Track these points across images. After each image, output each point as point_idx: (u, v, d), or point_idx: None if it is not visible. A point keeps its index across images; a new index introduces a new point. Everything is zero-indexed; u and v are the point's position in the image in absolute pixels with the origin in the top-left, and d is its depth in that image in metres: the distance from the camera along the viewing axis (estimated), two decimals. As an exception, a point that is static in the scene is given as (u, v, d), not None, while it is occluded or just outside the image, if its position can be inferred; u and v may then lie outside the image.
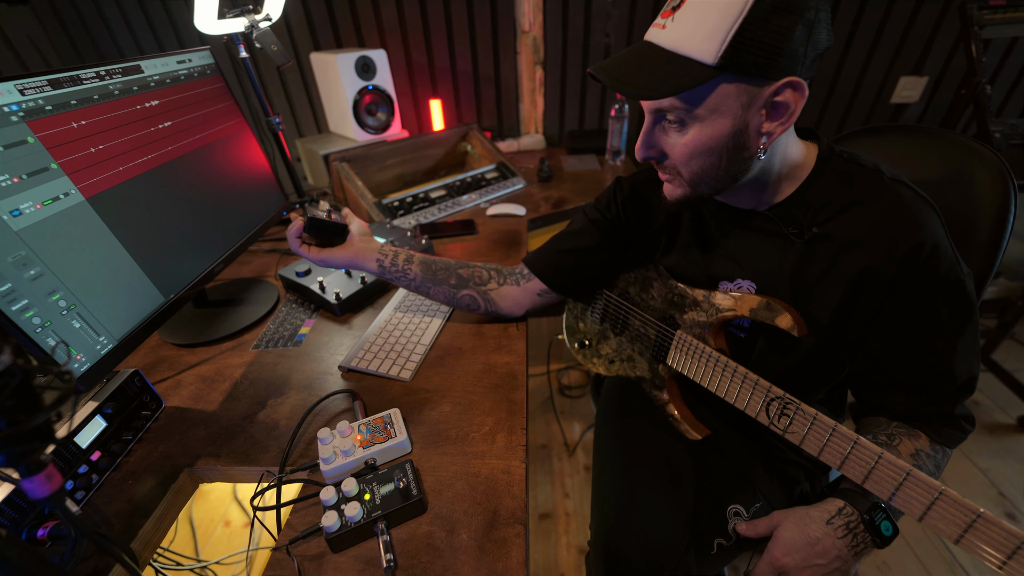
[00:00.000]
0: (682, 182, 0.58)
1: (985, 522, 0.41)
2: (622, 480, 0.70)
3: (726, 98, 0.49)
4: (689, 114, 0.51)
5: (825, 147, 0.58)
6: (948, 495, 0.44)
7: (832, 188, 0.57)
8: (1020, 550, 0.40)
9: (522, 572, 0.47)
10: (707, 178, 0.55)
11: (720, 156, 0.53)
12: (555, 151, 1.77)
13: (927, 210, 0.53)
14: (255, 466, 0.60)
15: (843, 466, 0.51)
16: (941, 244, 0.52)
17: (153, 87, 0.76)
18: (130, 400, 0.64)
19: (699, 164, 0.54)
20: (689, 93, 0.49)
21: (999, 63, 1.52)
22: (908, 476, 0.46)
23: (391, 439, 0.58)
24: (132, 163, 0.71)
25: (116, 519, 0.54)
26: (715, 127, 0.51)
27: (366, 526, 0.49)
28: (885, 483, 0.49)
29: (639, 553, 0.61)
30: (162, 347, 0.83)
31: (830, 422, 0.52)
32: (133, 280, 0.68)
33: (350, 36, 1.56)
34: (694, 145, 0.52)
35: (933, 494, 0.45)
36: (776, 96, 0.48)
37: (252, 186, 0.97)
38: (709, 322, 0.65)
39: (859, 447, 0.49)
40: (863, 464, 0.50)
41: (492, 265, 0.83)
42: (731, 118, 0.50)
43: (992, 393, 1.62)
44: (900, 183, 0.55)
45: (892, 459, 0.47)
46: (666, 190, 0.62)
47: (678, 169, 0.56)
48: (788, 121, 0.50)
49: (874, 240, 0.53)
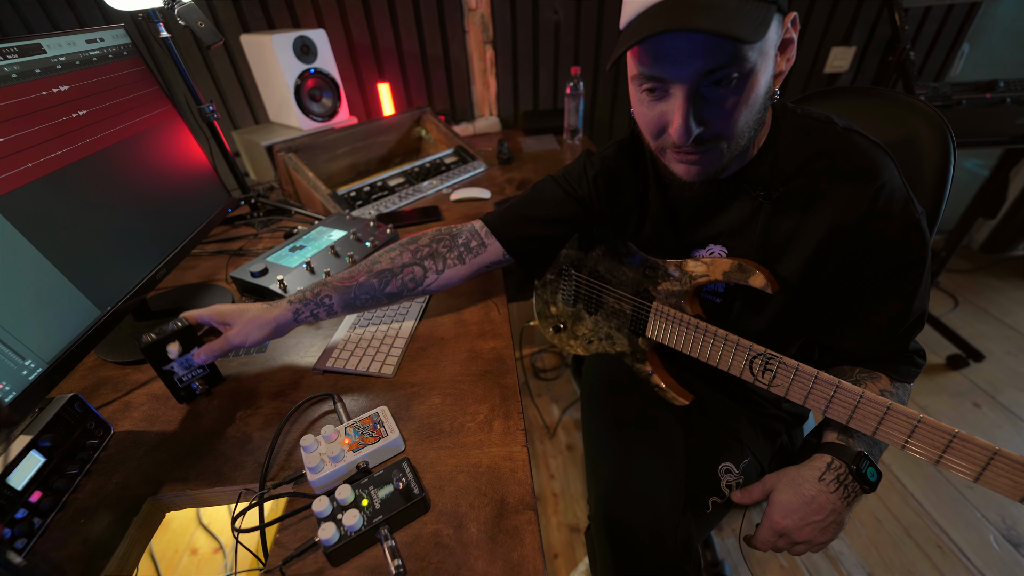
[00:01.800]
0: (720, 151, 0.51)
1: (960, 440, 0.44)
2: (615, 450, 0.70)
3: (771, 36, 0.45)
4: (747, 66, 0.44)
5: (778, 106, 0.58)
6: (926, 421, 0.46)
7: (791, 144, 0.57)
8: (993, 461, 0.43)
9: (539, 559, 0.46)
10: (746, 135, 0.50)
11: (762, 105, 0.49)
12: (512, 133, 1.73)
13: (881, 155, 0.55)
14: (231, 485, 0.54)
15: (828, 409, 0.54)
16: (897, 186, 0.54)
17: (60, 70, 0.66)
18: (71, 429, 0.56)
19: (745, 120, 0.48)
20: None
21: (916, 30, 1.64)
22: (889, 409, 0.49)
23: (383, 439, 0.55)
24: (44, 158, 0.61)
25: (70, 564, 0.48)
26: (763, 73, 0.46)
27: (368, 533, 0.46)
28: (868, 420, 0.51)
29: (641, 518, 0.62)
30: (102, 367, 0.74)
31: (812, 370, 0.54)
32: (60, 293, 0.59)
33: (283, 16, 1.44)
34: (748, 99, 0.46)
35: (912, 422, 0.47)
36: (786, 32, 0.48)
37: (190, 182, 0.88)
38: (684, 290, 0.66)
39: (841, 389, 0.52)
40: (846, 405, 0.52)
41: (426, 249, 0.72)
42: (771, 59, 0.47)
43: (923, 337, 1.77)
44: (852, 131, 0.56)
45: (873, 396, 0.50)
46: (692, 171, 0.53)
47: (718, 139, 0.49)
48: (792, 58, 0.50)
49: (836, 191, 0.55)
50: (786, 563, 1.14)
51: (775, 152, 0.58)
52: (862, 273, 0.58)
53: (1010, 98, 1.21)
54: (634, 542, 0.62)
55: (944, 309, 1.91)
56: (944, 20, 1.64)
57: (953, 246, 1.66)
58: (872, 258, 0.57)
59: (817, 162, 0.56)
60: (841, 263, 0.58)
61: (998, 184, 1.52)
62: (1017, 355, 1.69)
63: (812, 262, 0.58)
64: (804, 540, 0.57)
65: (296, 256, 0.89)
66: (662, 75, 0.46)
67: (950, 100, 1.22)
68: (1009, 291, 2.00)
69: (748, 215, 0.61)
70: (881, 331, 0.61)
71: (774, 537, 0.59)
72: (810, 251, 0.58)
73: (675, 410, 0.74)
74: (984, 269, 2.13)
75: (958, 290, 2.00)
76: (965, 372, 1.64)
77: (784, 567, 1.14)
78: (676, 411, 0.74)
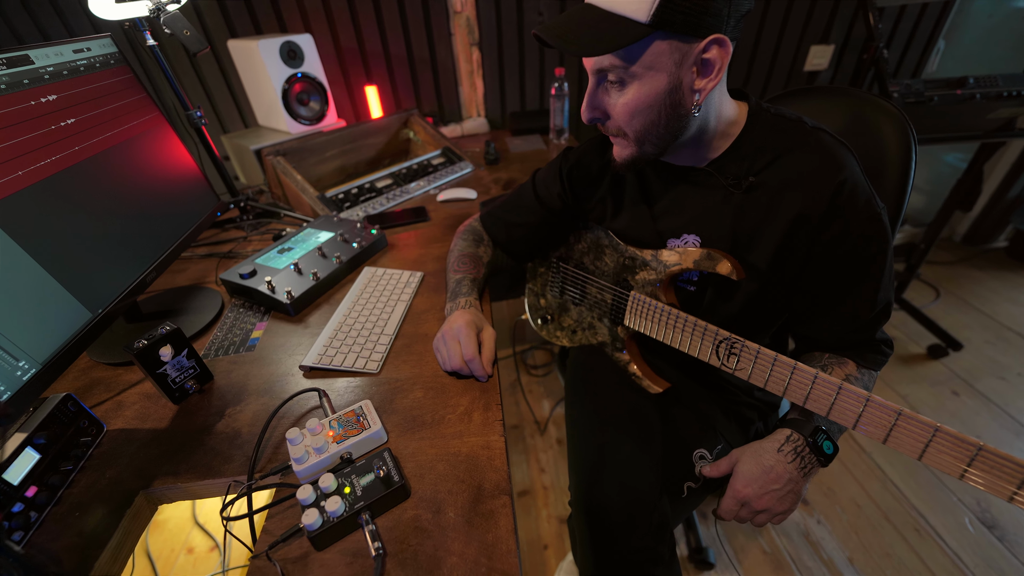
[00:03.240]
0: (628, 142, 0.61)
1: (905, 418, 0.47)
2: (594, 437, 0.73)
3: (660, 55, 0.52)
4: (627, 72, 0.54)
5: (754, 104, 0.63)
6: (874, 400, 0.49)
7: (763, 139, 0.61)
8: (935, 438, 0.46)
9: (512, 540, 0.48)
10: (650, 136, 0.58)
11: (659, 113, 0.56)
12: (499, 133, 1.76)
13: (845, 152, 0.59)
14: (220, 478, 0.57)
15: (787, 391, 0.56)
16: (859, 182, 0.58)
17: (48, 80, 0.68)
18: (65, 427, 0.58)
19: (640, 122, 0.57)
20: (627, 50, 0.52)
21: (892, 28, 1.68)
22: (840, 389, 0.52)
23: (365, 430, 0.57)
24: (34, 166, 0.63)
25: (66, 555, 0.50)
26: (652, 84, 0.54)
27: (349, 519, 0.48)
28: (822, 400, 0.54)
29: (618, 502, 0.64)
30: (95, 368, 0.76)
31: (771, 353, 0.57)
32: (53, 297, 0.62)
33: (270, 21, 1.46)
34: (634, 103, 0.55)
35: (862, 401, 0.50)
36: (704, 53, 0.52)
37: (178, 187, 0.90)
38: (659, 279, 0.69)
39: (798, 371, 0.55)
40: (803, 386, 0.55)
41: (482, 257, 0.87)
42: (666, 75, 0.53)
43: (905, 328, 1.83)
44: (820, 130, 0.60)
45: (826, 377, 0.53)
46: (615, 152, 0.65)
47: (622, 129, 0.59)
48: (717, 77, 0.53)
49: (803, 183, 0.59)
50: (768, 548, 1.18)
51: (747, 146, 0.62)
52: (828, 264, 0.61)
53: (979, 94, 1.24)
54: (611, 524, 0.65)
55: (926, 300, 1.95)
56: (919, 18, 1.68)
57: (932, 239, 1.70)
58: (837, 250, 0.60)
59: (786, 156, 0.60)
60: (807, 253, 0.61)
61: (973, 178, 1.55)
62: (995, 344, 1.73)
63: (780, 251, 0.62)
64: (764, 508, 0.60)
65: (284, 258, 0.91)
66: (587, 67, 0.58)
67: (923, 97, 1.25)
68: (989, 282, 2.04)
69: (719, 204, 0.65)
70: (847, 320, 0.64)
71: (736, 506, 0.62)
72: (777, 240, 0.61)
73: (653, 398, 0.77)
74: (965, 261, 2.17)
75: (940, 282, 2.05)
76: (945, 361, 1.68)
77: (767, 552, 1.17)
78: (653, 399, 0.77)
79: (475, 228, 0.91)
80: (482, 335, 0.70)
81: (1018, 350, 1.70)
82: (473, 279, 0.81)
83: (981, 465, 0.45)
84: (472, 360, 0.66)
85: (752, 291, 0.65)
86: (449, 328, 0.70)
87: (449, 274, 0.84)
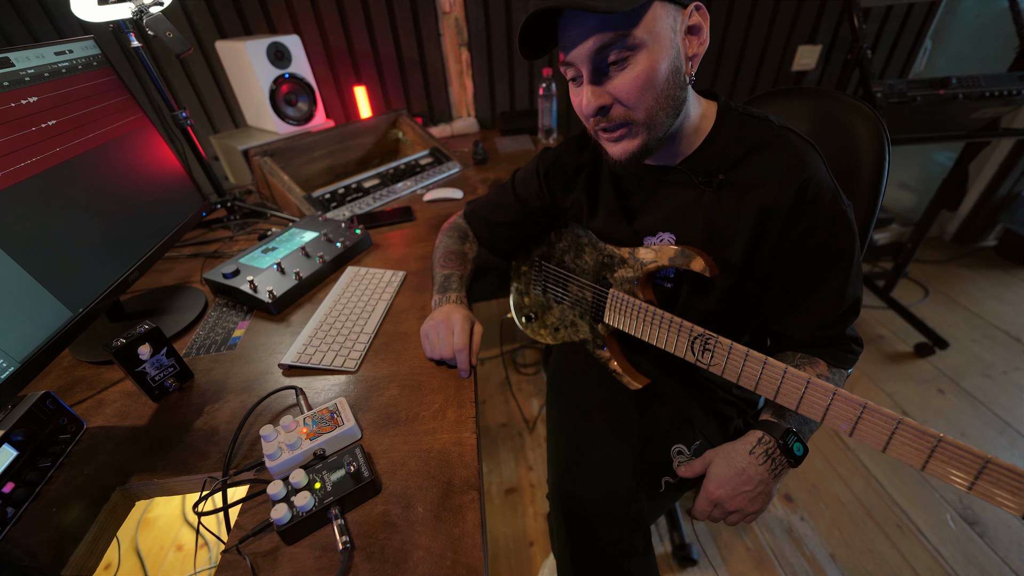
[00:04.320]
0: (638, 128, 0.57)
1: (869, 411, 0.48)
2: (572, 432, 0.74)
3: (661, 20, 0.52)
4: (632, 43, 0.51)
5: (723, 103, 0.64)
6: (840, 394, 0.50)
7: (732, 138, 0.62)
8: (897, 430, 0.47)
9: (478, 534, 0.49)
10: (660, 113, 0.56)
11: (667, 83, 0.55)
12: (489, 133, 1.77)
13: (810, 151, 0.60)
14: (196, 474, 0.58)
15: (758, 386, 0.57)
16: (824, 180, 0.59)
17: (29, 82, 0.69)
18: (43, 425, 0.59)
19: (652, 96, 0.55)
20: (632, 16, 0.50)
21: (879, 29, 1.69)
22: (809, 383, 0.52)
23: (339, 427, 0.58)
24: (13, 167, 0.63)
25: (42, 549, 0.51)
26: (658, 51, 0.53)
27: (319, 513, 0.49)
28: (792, 394, 0.55)
29: (593, 495, 0.65)
30: (78, 366, 0.77)
31: (743, 348, 0.58)
32: (32, 296, 0.62)
33: (259, 21, 1.46)
34: (644, 75, 0.53)
35: (829, 395, 0.51)
36: (690, 19, 0.54)
37: (162, 187, 0.91)
38: (636, 276, 0.70)
39: (769, 366, 0.56)
40: (772, 380, 0.56)
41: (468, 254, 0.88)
42: (668, 41, 0.53)
43: (892, 326, 1.84)
44: (787, 129, 0.62)
45: (795, 372, 0.54)
46: (618, 149, 0.60)
47: (631, 114, 0.56)
48: (705, 41, 0.56)
49: (770, 181, 0.60)
50: (751, 544, 1.19)
51: (716, 144, 0.63)
52: (796, 260, 0.63)
53: (962, 94, 1.25)
54: (587, 516, 0.66)
55: (914, 299, 1.96)
56: (905, 19, 1.69)
57: (919, 237, 1.71)
58: (804, 245, 0.61)
59: (753, 154, 0.61)
60: (777, 249, 0.62)
61: (959, 177, 1.56)
62: (982, 342, 1.75)
63: (750, 246, 0.63)
64: (735, 509, 0.61)
65: (268, 257, 0.92)
66: (571, 60, 0.55)
67: (906, 97, 1.26)
68: (978, 280, 2.05)
69: (692, 202, 0.66)
70: (816, 316, 0.65)
71: (709, 506, 0.63)
72: (748, 236, 0.62)
73: (632, 394, 0.78)
74: (955, 260, 2.18)
75: (929, 280, 2.06)
76: (931, 360, 1.69)
77: (750, 548, 1.18)
78: (633, 395, 0.78)
79: (460, 225, 0.91)
80: (474, 330, 0.71)
81: (1005, 348, 1.71)
82: (461, 276, 0.82)
83: (941, 456, 0.46)
84: (462, 351, 0.67)
85: (726, 287, 0.66)
86: (445, 318, 0.71)
87: (436, 269, 0.85)
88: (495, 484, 1.37)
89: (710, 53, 1.75)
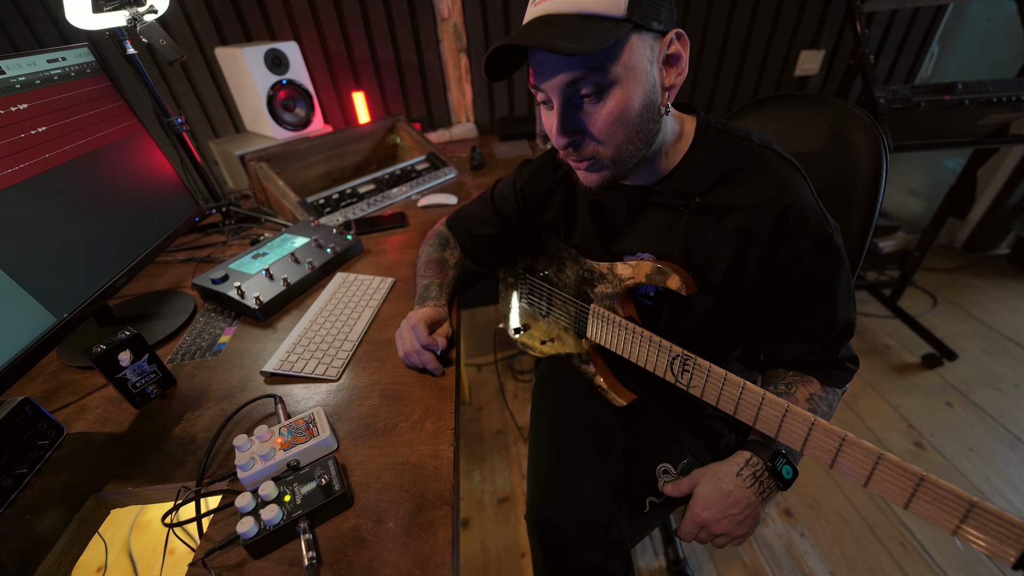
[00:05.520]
0: (603, 162, 0.56)
1: (849, 444, 0.46)
2: (550, 453, 0.72)
3: (637, 52, 0.49)
4: (607, 77, 0.49)
5: (702, 119, 0.61)
6: (819, 424, 0.48)
7: (710, 158, 0.60)
8: (879, 465, 0.45)
9: (448, 552, 0.48)
10: (630, 147, 0.54)
11: (640, 117, 0.52)
12: (488, 139, 1.76)
13: (793, 174, 0.57)
14: (170, 483, 0.57)
15: (737, 410, 0.56)
16: (808, 204, 0.56)
17: (19, 89, 0.69)
18: (21, 430, 0.59)
19: (623, 132, 0.52)
20: (608, 51, 0.48)
21: (883, 33, 1.66)
22: (787, 412, 0.50)
23: (314, 438, 0.57)
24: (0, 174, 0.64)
25: (11, 558, 0.50)
26: (632, 86, 0.50)
27: (287, 527, 0.48)
28: (770, 421, 0.53)
29: (569, 518, 0.64)
30: (64, 371, 0.77)
31: (721, 371, 0.56)
32: (14, 301, 0.62)
33: (260, 29, 1.48)
34: (617, 110, 0.51)
35: (807, 424, 0.49)
36: (670, 48, 0.51)
37: (154, 193, 0.91)
38: (616, 292, 0.68)
39: (746, 391, 0.54)
40: (751, 406, 0.54)
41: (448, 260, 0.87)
42: (644, 74, 0.50)
43: (899, 336, 1.80)
44: (768, 149, 0.58)
45: (773, 398, 0.52)
46: (586, 179, 0.59)
47: (598, 149, 0.54)
48: (684, 71, 0.53)
49: (749, 206, 0.57)
50: (749, 561, 1.16)
51: (694, 164, 0.60)
52: (782, 287, 0.60)
53: (968, 100, 1.22)
54: (562, 540, 0.64)
55: (922, 308, 1.91)
56: (911, 23, 1.66)
57: (926, 245, 1.67)
58: (789, 273, 0.58)
59: (733, 176, 0.58)
60: (759, 273, 0.60)
61: (967, 184, 1.53)
62: (992, 354, 1.70)
63: (731, 269, 0.60)
64: (722, 532, 0.59)
65: (258, 263, 0.92)
66: (540, 86, 0.52)
67: (910, 103, 1.23)
68: (988, 290, 2.00)
69: (670, 223, 0.63)
70: (808, 342, 0.63)
71: (695, 528, 0.61)
72: (727, 260, 0.60)
73: (618, 411, 0.76)
74: (965, 268, 2.13)
75: (938, 289, 2.01)
76: (940, 371, 1.65)
77: (747, 565, 1.15)
78: (619, 412, 0.76)
79: (442, 232, 0.91)
80: (438, 327, 0.71)
81: (1016, 361, 1.67)
82: (440, 284, 0.81)
83: (924, 496, 0.44)
84: (420, 352, 0.67)
85: (707, 307, 0.64)
86: (405, 324, 0.72)
87: (417, 279, 0.84)
88: (488, 493, 1.36)
89: (710, 59, 1.73)
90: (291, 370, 0.71)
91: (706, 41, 1.69)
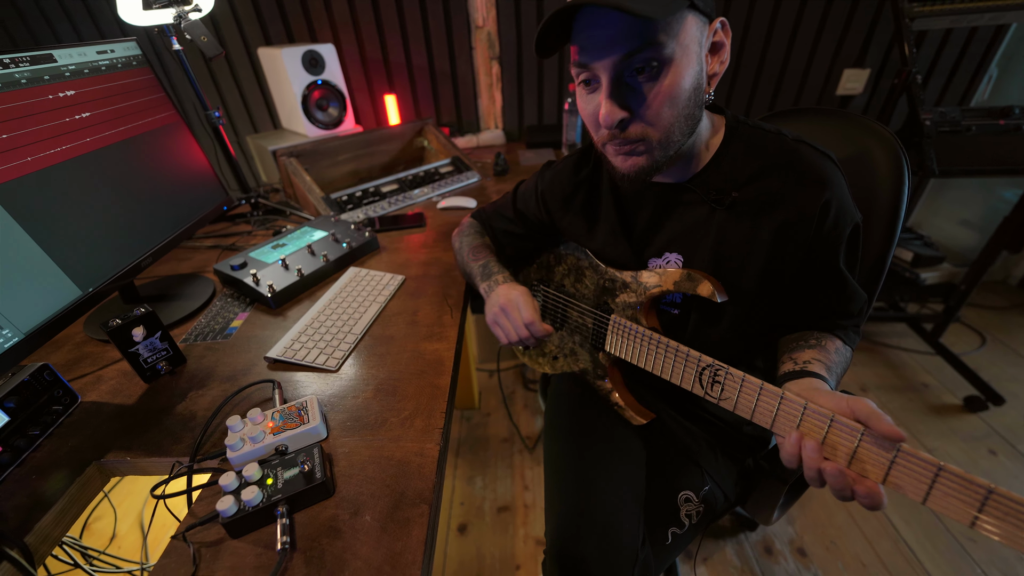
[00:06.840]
0: (649, 145, 0.53)
1: (904, 455, 0.42)
2: (573, 480, 0.69)
3: (691, 32, 0.49)
4: (663, 52, 0.48)
5: (731, 118, 0.61)
6: (870, 434, 0.43)
7: (743, 153, 0.59)
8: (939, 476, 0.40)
9: (420, 551, 0.47)
10: (676, 131, 0.53)
11: (689, 100, 0.51)
12: (515, 146, 1.77)
13: (828, 165, 0.56)
14: (166, 457, 0.59)
15: (775, 423, 0.51)
16: (844, 198, 0.56)
17: (69, 77, 0.75)
18: (38, 394, 0.62)
19: (672, 114, 0.51)
20: (668, 25, 0.47)
21: (935, 54, 1.57)
22: (833, 421, 0.46)
23: (304, 425, 0.58)
24: (43, 153, 0.69)
25: (13, 513, 0.53)
26: (686, 66, 0.49)
27: (265, 510, 0.49)
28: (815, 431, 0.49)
29: (597, 556, 0.61)
30: (88, 343, 0.81)
31: (757, 381, 0.51)
32: (44, 272, 0.67)
33: (301, 30, 1.55)
34: (671, 89, 0.49)
35: (857, 435, 0.44)
36: (715, 35, 0.52)
37: (186, 181, 0.96)
38: (639, 301, 0.66)
39: (786, 401, 0.49)
40: (792, 418, 0.49)
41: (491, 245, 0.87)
42: (695, 56, 0.50)
43: (940, 375, 1.68)
44: (801, 142, 0.57)
45: (816, 408, 0.46)
46: (627, 164, 0.56)
47: (647, 131, 0.52)
48: (726, 61, 0.53)
49: (788, 199, 0.56)
50: (754, 599, 1.09)
51: (727, 160, 0.59)
52: (812, 273, 0.60)
53: (1026, 125, 1.14)
54: None
55: (969, 347, 1.78)
56: (967, 43, 1.57)
57: (974, 280, 1.56)
58: (820, 260, 0.59)
59: (768, 171, 0.57)
60: (798, 269, 0.59)
61: (1022, 216, 1.42)
62: (1045, 401, 1.56)
63: (766, 269, 0.59)
64: None
65: (276, 253, 0.95)
66: (589, 62, 0.50)
67: (959, 126, 1.16)
68: (1045, 332, 1.85)
69: (702, 221, 0.62)
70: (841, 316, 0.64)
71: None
72: (763, 258, 0.58)
73: (636, 431, 0.73)
74: (1020, 307, 1.98)
75: (987, 327, 1.87)
76: (984, 416, 1.52)
77: (752, 603, 1.09)
78: (638, 432, 0.73)
79: (472, 223, 0.91)
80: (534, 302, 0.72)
81: (1073, 410, 1.52)
82: (497, 259, 0.82)
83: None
84: (532, 323, 0.68)
85: (739, 313, 0.62)
86: (507, 300, 0.70)
87: (469, 264, 0.83)
88: (488, 500, 1.34)
89: (747, 71, 1.68)
90: (293, 358, 0.72)
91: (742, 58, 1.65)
